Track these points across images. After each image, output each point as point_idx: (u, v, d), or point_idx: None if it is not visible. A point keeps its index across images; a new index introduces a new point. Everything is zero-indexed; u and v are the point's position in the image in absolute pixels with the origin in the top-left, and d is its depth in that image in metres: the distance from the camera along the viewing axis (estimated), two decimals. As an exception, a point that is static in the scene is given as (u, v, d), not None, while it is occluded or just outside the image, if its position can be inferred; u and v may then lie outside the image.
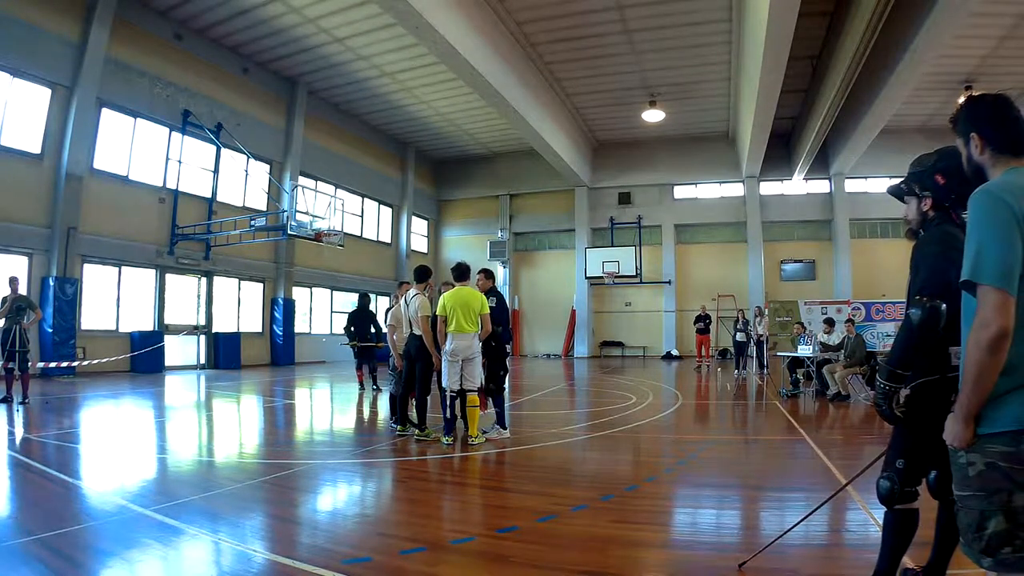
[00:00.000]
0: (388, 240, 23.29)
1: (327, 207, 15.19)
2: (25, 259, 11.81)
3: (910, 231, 2.38)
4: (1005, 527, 1.43)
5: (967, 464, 1.51)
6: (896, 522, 2.27)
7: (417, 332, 5.99)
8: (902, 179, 2.35)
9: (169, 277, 14.77)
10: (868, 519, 3.38)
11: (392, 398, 6.75)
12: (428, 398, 6.19)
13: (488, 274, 6.54)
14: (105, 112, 13.11)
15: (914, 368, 2.15)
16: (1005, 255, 1.41)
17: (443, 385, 5.90)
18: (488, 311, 5.92)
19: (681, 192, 23.01)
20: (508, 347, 6.59)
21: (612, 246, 22.39)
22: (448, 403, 5.76)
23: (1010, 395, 1.44)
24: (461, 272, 6.02)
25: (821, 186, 21.50)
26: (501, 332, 6.21)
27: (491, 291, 6.39)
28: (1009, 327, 1.39)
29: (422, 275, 6.27)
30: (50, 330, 11.71)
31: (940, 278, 2.02)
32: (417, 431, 5.96)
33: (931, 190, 2.25)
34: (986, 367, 1.42)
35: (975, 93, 1.79)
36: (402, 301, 6.38)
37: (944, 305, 1.95)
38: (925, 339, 2.02)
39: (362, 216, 21.76)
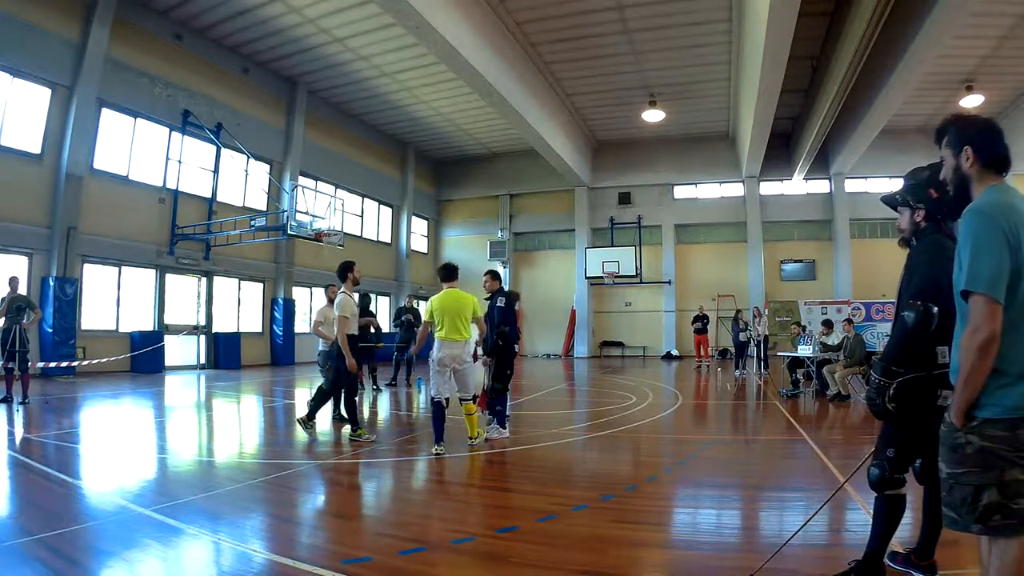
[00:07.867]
0: (388, 240, 23.28)
1: (327, 207, 15.19)
2: (25, 259, 11.80)
3: (903, 240, 2.63)
4: (998, 499, 1.62)
5: (965, 443, 1.69)
6: (886, 507, 2.51)
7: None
8: (896, 191, 2.52)
9: (169, 277, 14.75)
10: (868, 519, 3.37)
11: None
12: (356, 399, 6.15)
13: (495, 275, 6.50)
14: (105, 112, 13.10)
15: (904, 365, 2.35)
16: (995, 267, 1.61)
17: (432, 395, 5.57)
18: (483, 313, 5.87)
19: (681, 192, 23.00)
20: (515, 347, 6.54)
21: (612, 246, 22.37)
22: (436, 413, 5.40)
23: (1008, 387, 1.62)
24: (449, 272, 5.70)
25: (821, 186, 21.49)
26: (509, 332, 6.15)
27: (499, 291, 6.36)
28: (997, 332, 1.59)
29: (341, 272, 6.09)
30: (50, 330, 11.70)
31: (932, 284, 2.26)
32: (351, 431, 5.91)
33: (925, 202, 2.48)
34: (976, 368, 1.63)
35: (965, 113, 1.99)
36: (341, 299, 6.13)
37: (936, 308, 2.17)
38: (918, 339, 2.25)
39: (362, 216, 21.74)
